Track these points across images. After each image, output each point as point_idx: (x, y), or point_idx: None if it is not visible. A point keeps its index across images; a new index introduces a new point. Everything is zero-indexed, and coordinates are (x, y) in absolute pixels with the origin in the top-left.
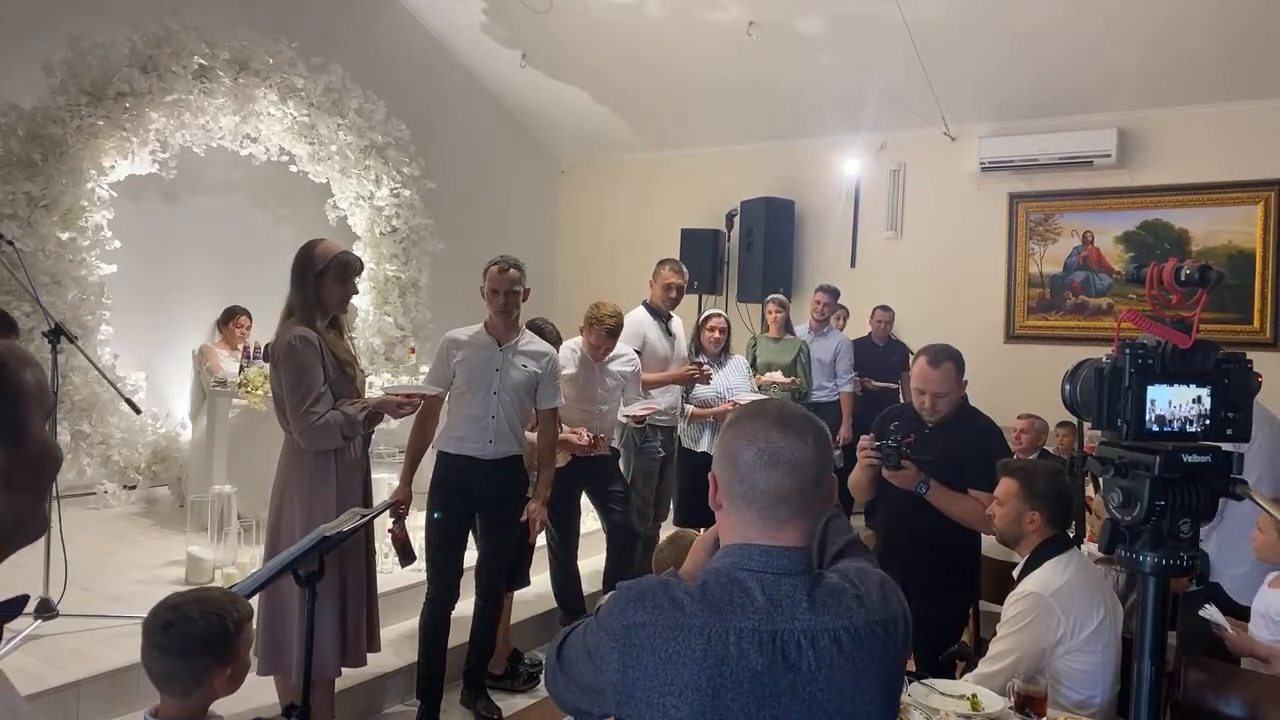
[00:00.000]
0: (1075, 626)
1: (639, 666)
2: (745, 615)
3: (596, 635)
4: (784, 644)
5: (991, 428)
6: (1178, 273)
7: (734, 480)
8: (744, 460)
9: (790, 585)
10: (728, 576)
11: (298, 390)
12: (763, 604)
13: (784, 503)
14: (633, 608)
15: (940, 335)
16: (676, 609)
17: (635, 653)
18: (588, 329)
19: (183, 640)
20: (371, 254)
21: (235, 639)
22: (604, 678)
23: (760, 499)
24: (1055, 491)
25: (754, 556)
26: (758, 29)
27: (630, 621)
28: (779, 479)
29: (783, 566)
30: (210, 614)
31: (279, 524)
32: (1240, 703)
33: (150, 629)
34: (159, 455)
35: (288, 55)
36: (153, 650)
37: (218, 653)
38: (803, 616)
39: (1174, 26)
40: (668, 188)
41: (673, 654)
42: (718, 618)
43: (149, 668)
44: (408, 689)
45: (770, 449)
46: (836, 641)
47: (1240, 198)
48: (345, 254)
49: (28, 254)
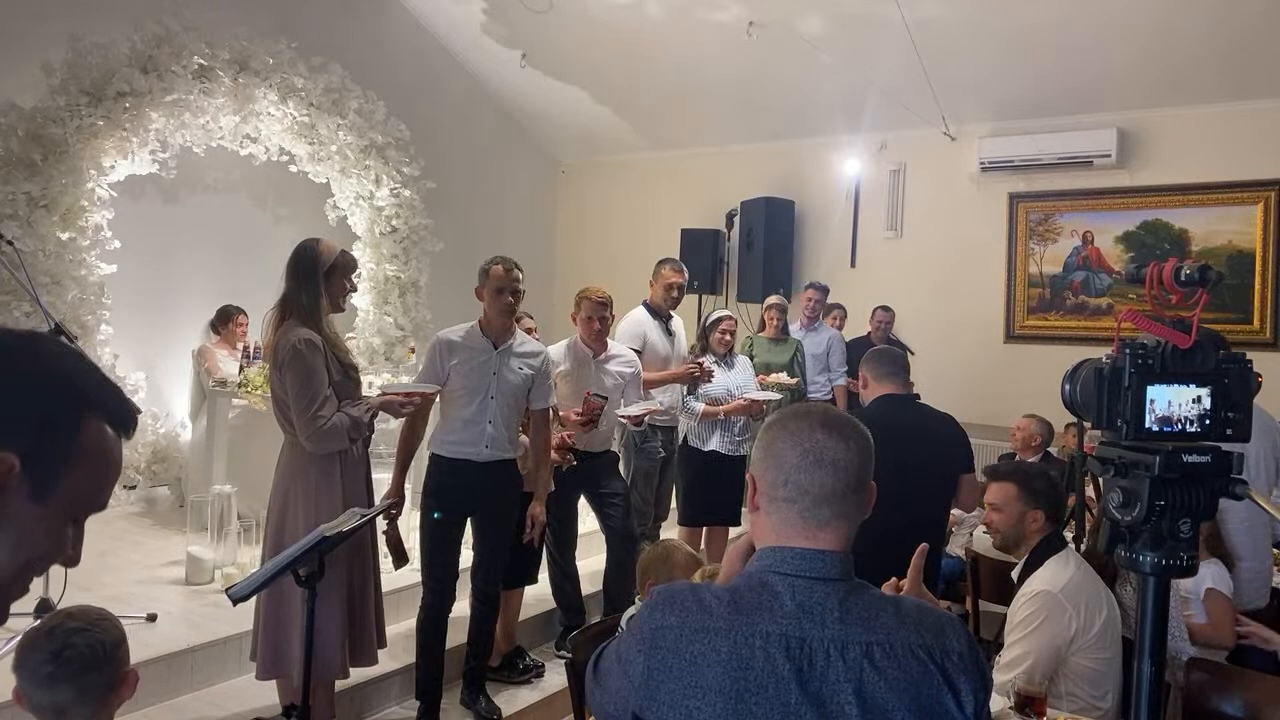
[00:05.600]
0: (1087, 622)
1: (664, 668)
2: (773, 619)
3: (627, 642)
4: (812, 652)
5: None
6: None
7: (777, 481)
8: (788, 460)
9: (823, 592)
10: (759, 580)
11: (304, 394)
12: (792, 609)
13: (827, 503)
14: (661, 610)
15: (940, 335)
16: (704, 612)
17: (661, 655)
18: (577, 308)
19: (79, 662)
20: (371, 254)
21: (120, 649)
22: (631, 681)
23: (803, 499)
24: (1051, 489)
25: (788, 560)
26: (758, 29)
27: (659, 624)
28: (823, 479)
29: (818, 570)
30: (88, 630)
31: (283, 526)
32: (1242, 703)
33: (38, 662)
34: (159, 455)
35: (288, 55)
36: (50, 684)
37: (114, 667)
38: (833, 625)
39: (1174, 26)
40: (668, 188)
41: (697, 656)
42: (744, 621)
43: (49, 703)
44: (408, 689)
45: (815, 449)
46: (869, 655)
47: (1240, 198)
48: (346, 252)
49: (28, 254)
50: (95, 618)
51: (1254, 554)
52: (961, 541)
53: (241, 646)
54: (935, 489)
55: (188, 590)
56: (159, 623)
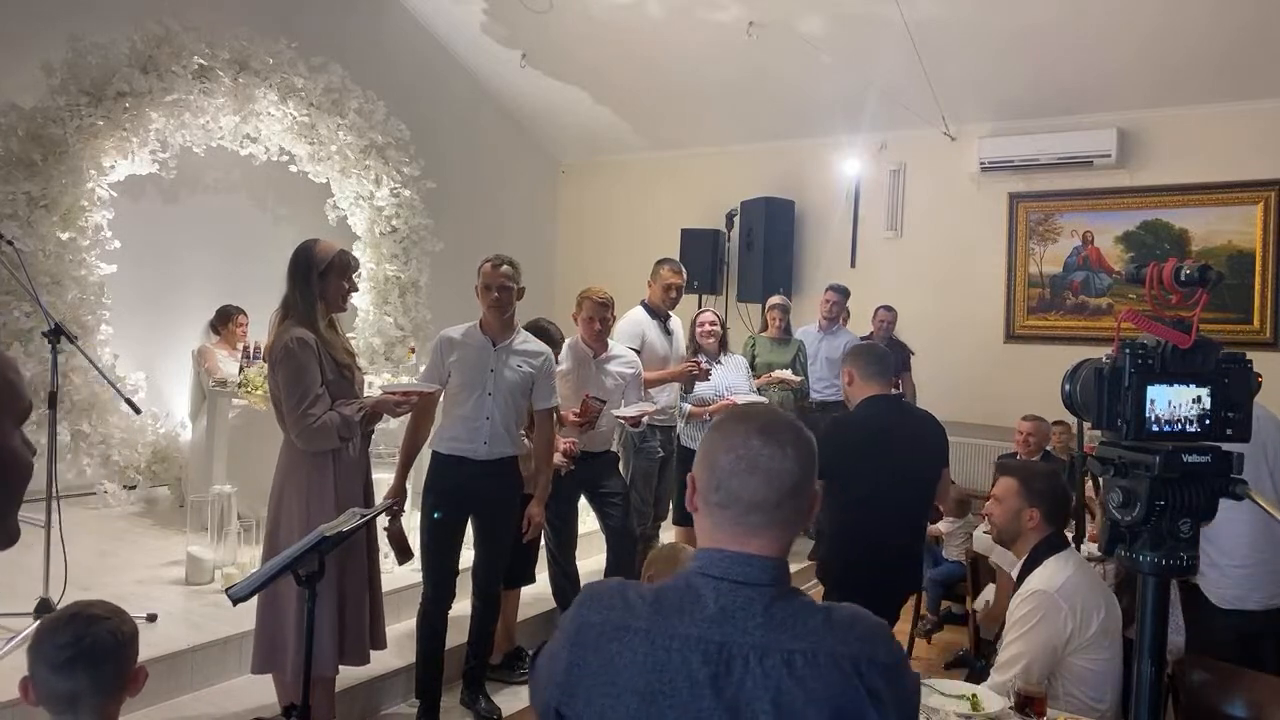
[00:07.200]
0: (1083, 622)
1: (583, 664)
2: (693, 623)
3: (556, 639)
4: (730, 658)
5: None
6: (1178, 273)
7: (710, 485)
8: (722, 465)
9: (747, 596)
10: (686, 581)
11: (294, 392)
12: (714, 612)
13: (759, 510)
14: (586, 607)
15: (940, 335)
16: (627, 610)
17: (581, 651)
18: (579, 308)
19: (98, 650)
20: (371, 254)
21: (134, 643)
22: (553, 677)
23: (735, 505)
24: (1053, 491)
25: (716, 562)
26: (758, 29)
27: (582, 621)
28: (755, 486)
29: (744, 574)
30: (109, 619)
31: (277, 524)
32: (1243, 704)
33: (58, 646)
34: (159, 455)
35: (288, 55)
36: (68, 668)
37: (128, 660)
38: (755, 631)
39: (1174, 26)
40: (668, 188)
41: (615, 654)
42: (664, 622)
43: (63, 690)
44: (408, 689)
45: (750, 455)
46: (789, 663)
47: (1240, 198)
48: (345, 252)
49: (28, 254)
50: (114, 610)
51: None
52: (959, 543)
53: (242, 646)
54: (926, 491)
55: (188, 590)
56: (159, 623)
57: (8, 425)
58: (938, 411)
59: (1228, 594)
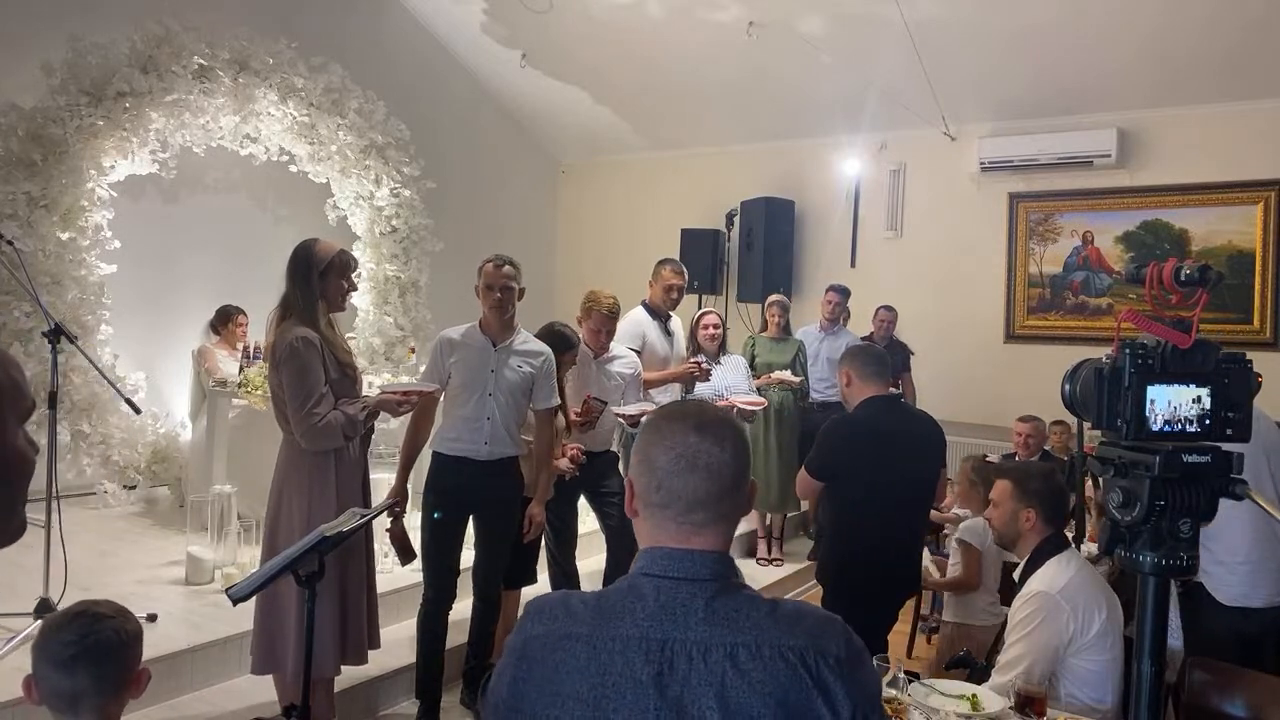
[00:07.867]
0: (1084, 623)
1: (529, 678)
2: (634, 622)
3: (503, 658)
4: (673, 655)
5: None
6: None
7: (650, 485)
8: (661, 464)
9: (688, 592)
10: (628, 583)
11: (299, 392)
12: (654, 609)
13: (701, 507)
14: (531, 621)
15: (940, 335)
16: (570, 618)
17: (526, 665)
18: (586, 316)
19: (102, 648)
20: (371, 254)
21: (138, 644)
22: (500, 695)
23: (676, 503)
24: (1049, 490)
25: (657, 560)
26: (758, 29)
27: (528, 635)
28: (696, 484)
29: (685, 570)
30: (113, 618)
31: (277, 524)
32: (1243, 704)
33: (63, 644)
34: (159, 455)
35: (288, 55)
36: (71, 666)
37: (132, 661)
38: (696, 626)
39: (1174, 26)
40: (668, 188)
41: (559, 663)
42: (605, 625)
43: (66, 688)
44: (408, 689)
45: (689, 453)
46: (732, 656)
47: (1240, 198)
48: (345, 252)
49: (28, 254)
50: (119, 609)
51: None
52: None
53: (242, 647)
54: (924, 492)
55: (188, 590)
56: (159, 623)
57: (11, 423)
58: (938, 412)
59: (1232, 591)
